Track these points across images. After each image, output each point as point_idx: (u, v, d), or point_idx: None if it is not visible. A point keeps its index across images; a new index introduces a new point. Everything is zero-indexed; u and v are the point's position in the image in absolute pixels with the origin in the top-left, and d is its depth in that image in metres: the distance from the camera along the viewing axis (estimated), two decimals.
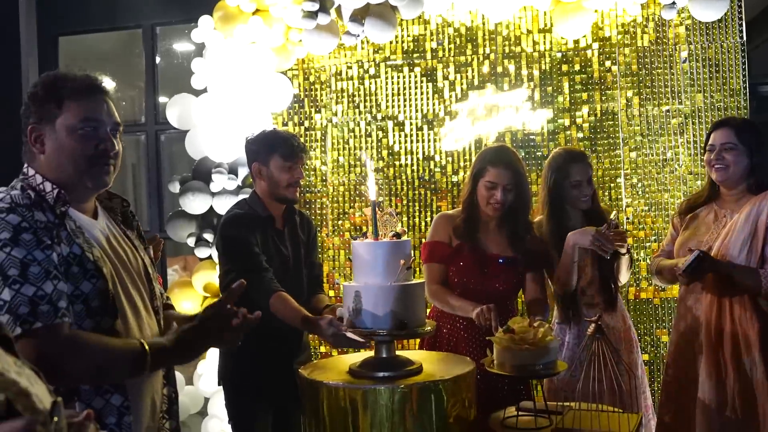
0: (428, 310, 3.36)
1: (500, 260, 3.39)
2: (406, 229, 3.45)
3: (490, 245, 3.41)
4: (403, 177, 4.84)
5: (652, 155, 4.60)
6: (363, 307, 2.82)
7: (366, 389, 2.68)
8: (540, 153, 4.68)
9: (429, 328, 2.88)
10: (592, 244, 3.25)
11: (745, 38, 4.53)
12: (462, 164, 4.77)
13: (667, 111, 4.61)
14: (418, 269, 4.08)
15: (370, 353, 2.95)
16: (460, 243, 3.39)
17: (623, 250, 3.37)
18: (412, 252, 3.03)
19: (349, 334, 2.80)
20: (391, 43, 4.83)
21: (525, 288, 3.49)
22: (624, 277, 3.58)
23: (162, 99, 6.23)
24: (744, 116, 4.41)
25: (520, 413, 2.80)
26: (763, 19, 6.24)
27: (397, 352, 2.93)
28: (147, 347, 1.97)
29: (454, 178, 4.80)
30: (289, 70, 4.93)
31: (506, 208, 3.36)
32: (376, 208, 2.95)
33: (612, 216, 3.34)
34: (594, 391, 2.66)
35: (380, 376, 2.77)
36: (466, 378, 2.80)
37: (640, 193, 4.60)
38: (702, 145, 4.48)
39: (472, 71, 4.79)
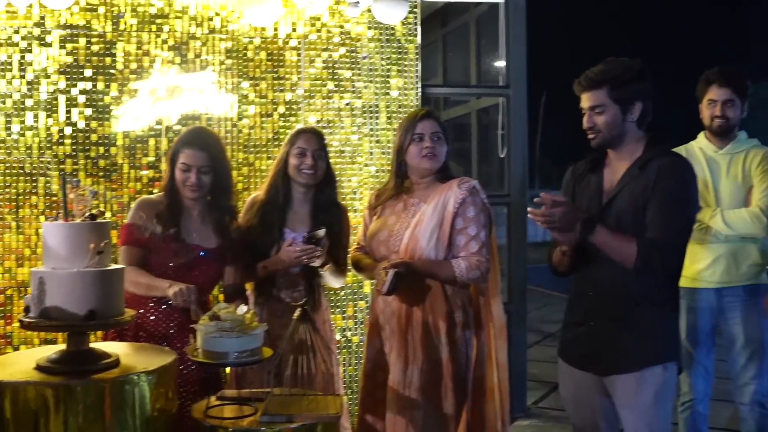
0: None
1: (201, 253, 3.28)
2: (104, 210, 3.18)
3: (192, 234, 3.29)
4: (78, 158, 4.47)
5: (334, 145, 4.75)
6: (47, 295, 2.56)
7: (58, 386, 2.43)
8: (225, 139, 4.60)
9: (128, 317, 2.69)
10: (295, 259, 3.33)
11: (420, 41, 4.88)
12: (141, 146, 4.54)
13: (348, 104, 4.80)
14: None
15: (62, 346, 2.69)
16: (163, 231, 3.22)
17: (315, 264, 3.41)
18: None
19: None
20: (67, 9, 4.42)
21: (224, 274, 3.43)
22: (336, 283, 3.67)
23: None
24: None
25: (223, 402, 2.74)
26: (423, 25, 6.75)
27: (92, 345, 2.70)
28: None
29: (134, 161, 4.54)
30: None
31: (205, 192, 3.27)
32: (67, 186, 2.70)
33: (318, 233, 3.37)
34: (301, 374, 2.68)
35: (73, 371, 2.53)
36: (168, 369, 2.67)
37: None
38: (380, 138, 4.76)
39: (156, 49, 4.57)
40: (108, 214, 4.34)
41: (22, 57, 4.42)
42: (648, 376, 2.77)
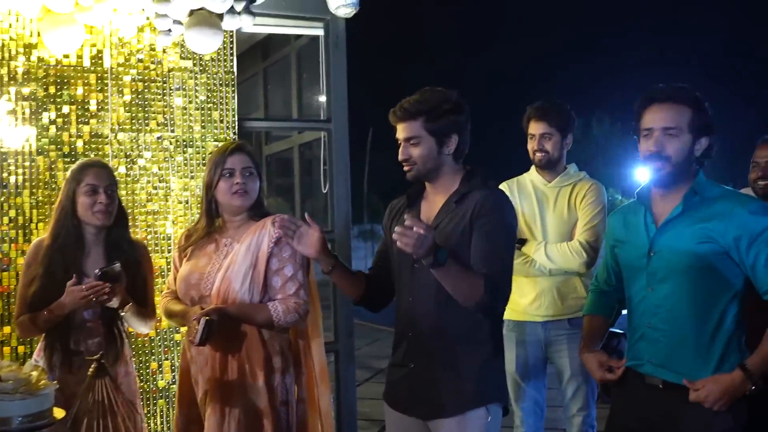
0: None
1: None
2: None
3: None
4: None
5: (144, 182, 4.45)
6: None
7: None
8: (23, 175, 4.20)
9: None
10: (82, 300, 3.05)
11: (236, 72, 4.69)
12: None
13: (159, 138, 4.52)
14: None
15: None
16: None
17: (113, 304, 3.16)
18: None
19: None
20: None
21: None
22: (144, 328, 3.40)
23: None
24: None
25: None
26: (243, 58, 6.59)
27: None
28: None
29: None
30: None
31: None
32: None
33: (114, 267, 3.09)
34: None
35: None
36: None
37: (131, 219, 4.39)
38: (195, 174, 4.52)
39: None
40: None
41: None
42: (471, 419, 2.69)
